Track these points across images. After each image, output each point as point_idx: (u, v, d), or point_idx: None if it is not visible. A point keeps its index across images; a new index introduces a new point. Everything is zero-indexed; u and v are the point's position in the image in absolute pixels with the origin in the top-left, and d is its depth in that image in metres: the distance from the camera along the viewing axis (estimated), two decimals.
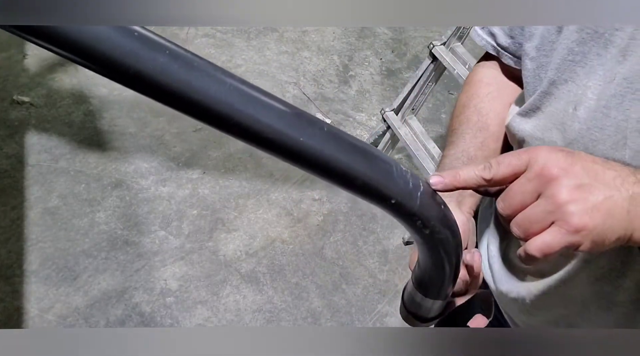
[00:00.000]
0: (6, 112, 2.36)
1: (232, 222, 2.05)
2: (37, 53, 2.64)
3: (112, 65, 0.30)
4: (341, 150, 0.39)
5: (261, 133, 0.36)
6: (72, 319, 1.72)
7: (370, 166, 0.41)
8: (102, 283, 1.82)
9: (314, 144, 0.38)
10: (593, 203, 0.42)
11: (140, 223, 2.01)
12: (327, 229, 2.07)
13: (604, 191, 0.43)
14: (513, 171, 0.45)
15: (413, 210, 0.44)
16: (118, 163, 2.21)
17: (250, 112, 0.35)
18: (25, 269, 1.83)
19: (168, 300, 1.80)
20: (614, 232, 0.43)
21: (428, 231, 0.46)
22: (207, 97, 0.33)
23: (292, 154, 0.37)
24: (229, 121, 0.35)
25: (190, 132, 2.36)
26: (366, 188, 0.41)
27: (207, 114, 0.34)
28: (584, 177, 0.43)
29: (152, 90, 0.32)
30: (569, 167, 0.43)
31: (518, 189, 0.45)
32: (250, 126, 0.35)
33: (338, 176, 0.40)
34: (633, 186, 0.44)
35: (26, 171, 2.13)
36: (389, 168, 0.42)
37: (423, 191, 0.44)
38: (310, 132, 0.38)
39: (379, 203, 0.43)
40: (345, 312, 1.84)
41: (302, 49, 2.88)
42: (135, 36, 0.31)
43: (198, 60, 0.34)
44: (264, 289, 1.87)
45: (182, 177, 2.18)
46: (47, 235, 1.93)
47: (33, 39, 0.29)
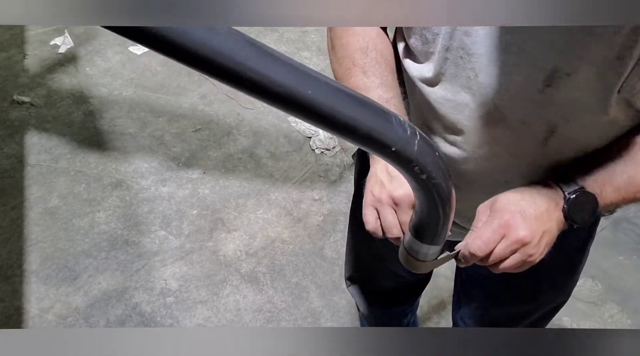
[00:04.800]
0: (6, 112, 2.36)
1: (232, 222, 2.06)
2: (37, 53, 2.64)
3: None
4: (346, 103, 0.42)
5: (271, 87, 0.38)
6: (72, 319, 1.72)
7: (372, 117, 0.43)
8: (102, 283, 1.82)
9: (322, 97, 0.40)
10: (545, 241, 0.68)
11: (140, 223, 2.01)
12: (327, 229, 2.07)
13: (550, 231, 0.69)
14: (495, 244, 0.67)
15: (411, 157, 0.46)
16: (118, 163, 2.21)
17: (260, 68, 0.38)
18: (25, 269, 1.83)
19: (168, 300, 1.80)
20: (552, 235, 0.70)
21: (425, 176, 0.49)
22: (220, 53, 0.36)
23: (301, 107, 0.40)
24: (242, 75, 0.37)
25: (190, 132, 2.36)
26: (369, 137, 0.44)
27: (219, 69, 0.37)
28: (539, 231, 0.67)
29: (169, 49, 0.34)
30: (534, 233, 0.66)
31: (501, 253, 0.66)
32: (261, 80, 0.38)
33: (343, 126, 0.43)
34: (558, 216, 0.69)
35: (26, 171, 2.13)
36: (389, 118, 0.45)
37: (420, 139, 0.47)
38: (317, 86, 0.40)
39: (380, 150, 0.45)
40: (346, 312, 1.84)
41: (302, 49, 2.88)
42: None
43: None
44: (264, 289, 1.87)
45: (182, 177, 2.18)
46: (47, 235, 1.93)
47: None
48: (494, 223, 0.65)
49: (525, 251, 0.65)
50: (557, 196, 0.68)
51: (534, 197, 0.67)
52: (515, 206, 0.66)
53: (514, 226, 0.65)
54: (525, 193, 0.68)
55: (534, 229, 0.65)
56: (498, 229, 0.65)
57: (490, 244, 0.65)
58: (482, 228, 0.66)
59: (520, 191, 0.68)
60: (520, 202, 0.66)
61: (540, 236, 0.66)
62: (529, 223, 0.65)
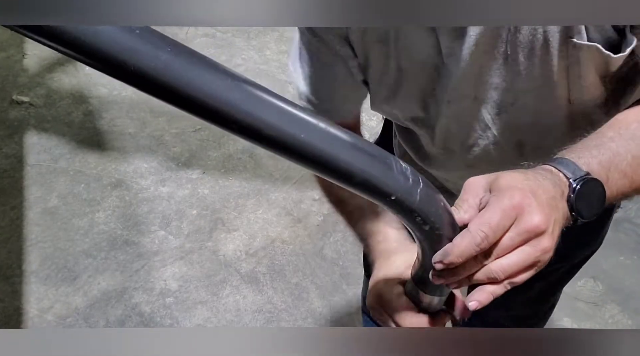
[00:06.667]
0: (6, 112, 2.35)
1: (232, 222, 2.05)
2: (37, 53, 2.63)
3: (112, 62, 0.31)
4: (341, 147, 0.39)
5: (261, 130, 0.36)
6: (72, 319, 1.72)
7: (370, 163, 0.41)
8: (101, 283, 1.82)
9: (314, 141, 0.38)
10: (557, 233, 0.53)
11: (140, 223, 2.01)
12: (327, 229, 2.07)
13: (558, 222, 0.54)
14: (503, 232, 0.50)
15: (413, 206, 0.44)
16: (118, 163, 2.20)
17: (250, 110, 0.35)
18: (25, 269, 1.83)
19: (168, 300, 1.80)
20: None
21: (428, 227, 0.46)
22: (208, 95, 0.34)
23: (292, 151, 0.38)
24: (229, 118, 0.35)
25: (190, 132, 2.36)
26: (366, 185, 0.41)
27: (207, 111, 0.35)
28: (552, 219, 0.52)
29: (153, 88, 0.33)
30: (549, 219, 0.51)
31: (509, 243, 0.50)
32: (250, 123, 0.36)
33: (338, 172, 0.40)
34: (563, 207, 0.55)
35: (26, 171, 2.13)
36: (389, 164, 0.42)
37: (423, 187, 0.44)
38: (310, 129, 0.38)
39: (379, 199, 0.43)
40: (346, 312, 1.84)
41: None
42: (136, 34, 0.31)
43: (199, 57, 0.34)
44: (264, 290, 1.87)
45: (182, 177, 2.18)
46: (47, 235, 1.93)
47: (36, 38, 0.29)
48: (504, 203, 0.50)
49: (539, 243, 0.51)
50: (562, 184, 0.56)
51: (539, 179, 0.54)
52: (524, 185, 0.52)
53: (528, 209, 0.50)
54: (528, 173, 0.55)
55: (548, 215, 0.51)
56: (509, 212, 0.50)
57: (499, 231, 0.50)
58: (488, 211, 0.50)
59: (522, 171, 0.55)
60: (525, 182, 0.52)
61: (553, 225, 0.52)
62: (542, 208, 0.51)
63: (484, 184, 0.54)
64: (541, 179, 0.54)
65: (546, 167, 0.57)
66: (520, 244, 0.51)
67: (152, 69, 0.31)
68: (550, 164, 0.57)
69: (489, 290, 0.51)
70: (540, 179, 0.54)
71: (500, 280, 0.51)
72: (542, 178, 0.54)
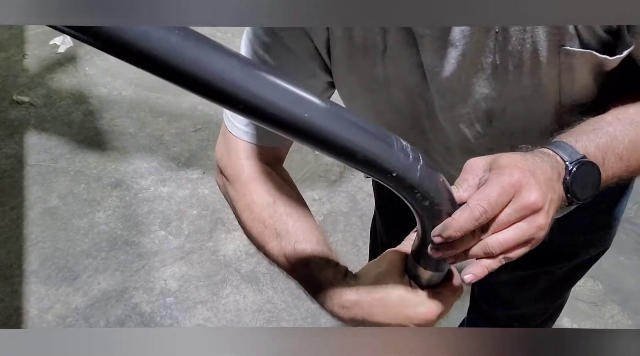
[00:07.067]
0: (6, 112, 2.36)
1: (232, 222, 2.05)
2: (37, 53, 2.64)
3: (124, 45, 0.32)
4: (343, 126, 0.41)
5: (265, 110, 0.37)
6: (72, 319, 1.72)
7: (371, 141, 0.42)
8: (102, 283, 1.82)
9: (317, 120, 0.39)
10: (552, 212, 0.55)
11: (140, 223, 2.01)
12: (327, 229, 2.07)
13: (554, 202, 0.55)
14: (501, 208, 0.52)
15: (413, 183, 0.45)
16: (118, 163, 2.20)
17: (255, 89, 0.37)
18: (25, 269, 1.83)
19: (168, 300, 1.80)
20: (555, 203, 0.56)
21: (427, 202, 0.47)
22: (215, 76, 0.35)
23: (296, 130, 0.39)
24: (235, 98, 0.36)
25: (190, 132, 2.36)
26: (368, 162, 0.42)
27: (212, 91, 0.36)
28: (548, 197, 0.54)
29: (161, 69, 0.34)
30: (545, 197, 0.53)
31: (506, 219, 0.52)
32: (255, 103, 0.37)
33: (340, 150, 0.41)
34: (559, 188, 0.57)
35: (26, 171, 2.13)
36: (390, 142, 0.43)
37: (423, 165, 0.45)
38: (313, 108, 0.39)
39: (380, 176, 0.44)
40: None
41: None
42: None
43: (206, 39, 0.36)
44: (264, 290, 1.87)
45: (182, 177, 2.18)
46: (47, 235, 1.93)
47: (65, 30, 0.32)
48: (503, 179, 0.51)
49: (535, 220, 0.52)
50: (559, 165, 0.57)
51: (537, 161, 0.56)
52: (523, 164, 0.53)
53: (527, 187, 0.52)
54: (527, 155, 0.56)
55: (545, 194, 0.53)
56: (508, 188, 0.51)
57: (497, 206, 0.51)
58: (488, 187, 0.52)
59: (521, 153, 0.57)
60: (524, 161, 0.54)
61: (549, 204, 0.54)
62: (539, 186, 0.53)
63: (483, 165, 0.55)
64: (539, 161, 0.56)
65: (544, 150, 0.59)
66: (516, 220, 0.52)
67: (160, 50, 0.33)
68: (548, 147, 0.59)
69: (484, 264, 0.53)
70: (539, 161, 0.56)
71: (496, 255, 0.52)
72: (539, 160, 0.56)
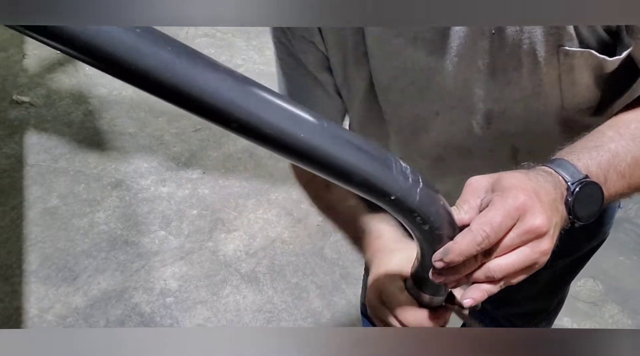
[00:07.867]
0: (5, 112, 2.36)
1: (232, 222, 2.05)
2: (37, 53, 2.64)
3: (113, 61, 0.31)
4: (340, 146, 0.39)
5: (260, 129, 0.36)
6: (72, 319, 1.72)
7: (369, 162, 0.40)
8: (101, 283, 1.82)
9: (314, 140, 0.38)
10: (555, 231, 0.53)
11: (140, 223, 2.01)
12: (327, 229, 2.07)
13: (560, 222, 0.54)
14: (505, 232, 0.50)
15: (413, 206, 0.44)
16: (118, 163, 2.20)
17: (250, 108, 0.35)
18: (25, 269, 1.83)
19: (168, 300, 1.80)
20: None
21: (427, 227, 0.46)
22: (208, 94, 0.34)
23: (291, 151, 0.38)
24: (229, 117, 0.35)
25: (190, 132, 2.36)
26: (366, 184, 0.41)
27: (207, 110, 0.34)
28: (552, 221, 0.52)
29: (153, 86, 0.33)
30: (550, 222, 0.51)
31: (509, 243, 0.50)
32: (250, 122, 0.35)
33: (337, 172, 0.40)
34: (562, 209, 0.55)
35: (25, 171, 2.13)
36: (389, 164, 0.42)
37: (422, 187, 0.44)
38: (310, 128, 0.37)
39: (378, 199, 0.43)
40: (345, 312, 1.84)
41: None
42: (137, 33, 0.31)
43: (200, 56, 0.34)
44: (264, 290, 1.87)
45: (182, 177, 2.18)
46: (47, 235, 1.93)
47: (39, 38, 0.30)
48: (507, 203, 0.49)
49: (539, 245, 0.50)
50: (561, 186, 0.55)
51: (540, 181, 0.54)
52: (527, 185, 0.51)
53: (531, 210, 0.50)
54: (530, 174, 0.54)
55: (549, 217, 0.51)
56: (512, 212, 0.49)
57: (501, 231, 0.49)
58: (491, 210, 0.50)
59: (523, 171, 0.55)
60: (529, 182, 0.52)
61: (554, 229, 0.52)
62: (544, 210, 0.51)
63: (485, 185, 0.53)
64: (542, 181, 0.54)
65: (546, 168, 0.57)
66: (520, 244, 0.50)
67: (153, 68, 0.31)
68: (550, 166, 0.57)
69: (484, 289, 0.51)
70: (542, 181, 0.54)
71: (498, 280, 0.51)
72: (543, 180, 0.54)
